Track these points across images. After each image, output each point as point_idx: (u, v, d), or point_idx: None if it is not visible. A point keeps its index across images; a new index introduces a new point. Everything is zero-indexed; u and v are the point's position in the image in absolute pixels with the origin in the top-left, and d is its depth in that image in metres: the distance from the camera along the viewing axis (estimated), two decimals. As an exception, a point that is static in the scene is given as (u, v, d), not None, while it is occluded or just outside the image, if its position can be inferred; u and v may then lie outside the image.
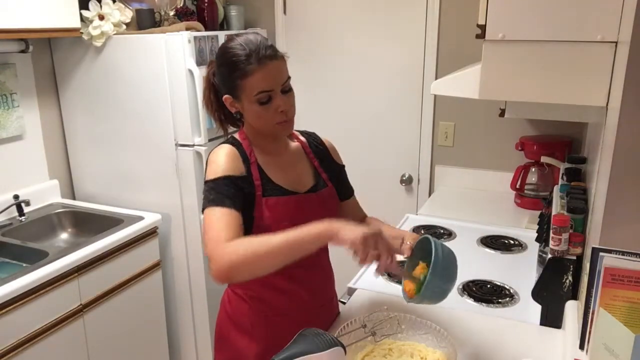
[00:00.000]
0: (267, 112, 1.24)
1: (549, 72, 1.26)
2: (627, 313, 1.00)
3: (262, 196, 1.27)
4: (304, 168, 1.40)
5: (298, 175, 1.37)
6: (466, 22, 2.50)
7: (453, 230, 2.18)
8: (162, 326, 2.49)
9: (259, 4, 2.95)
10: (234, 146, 1.30)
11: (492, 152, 2.66)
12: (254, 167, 1.29)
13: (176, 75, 2.29)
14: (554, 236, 1.39)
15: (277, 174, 1.32)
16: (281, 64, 1.25)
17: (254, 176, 1.28)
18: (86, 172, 2.63)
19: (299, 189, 1.34)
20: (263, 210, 1.27)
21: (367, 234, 1.08)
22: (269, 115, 1.25)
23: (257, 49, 1.21)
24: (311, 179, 1.39)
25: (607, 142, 1.17)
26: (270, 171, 1.32)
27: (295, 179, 1.35)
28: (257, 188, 1.27)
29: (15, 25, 2.01)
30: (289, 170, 1.36)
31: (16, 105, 2.33)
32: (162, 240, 2.48)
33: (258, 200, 1.27)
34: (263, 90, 1.22)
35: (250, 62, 1.20)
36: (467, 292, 1.66)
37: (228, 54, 1.24)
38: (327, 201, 1.39)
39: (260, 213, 1.26)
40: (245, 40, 1.23)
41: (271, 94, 1.23)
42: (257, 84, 1.22)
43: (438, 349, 1.22)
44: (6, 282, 1.74)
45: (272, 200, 1.28)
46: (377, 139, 2.87)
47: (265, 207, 1.27)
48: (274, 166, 1.33)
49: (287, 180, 1.33)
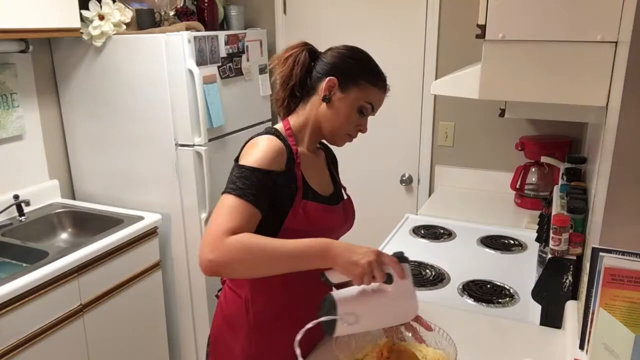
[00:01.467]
0: (354, 121, 1.29)
1: (549, 72, 1.26)
2: (627, 313, 1.00)
3: (302, 198, 1.25)
4: (327, 175, 1.42)
5: (325, 181, 1.39)
6: (466, 22, 2.50)
7: (453, 230, 2.18)
8: (162, 326, 2.49)
9: (259, 4, 2.95)
10: (280, 139, 1.24)
11: (492, 152, 2.66)
12: (298, 167, 1.27)
13: (176, 75, 2.29)
14: (554, 236, 1.39)
15: (313, 178, 1.32)
16: None
17: (297, 176, 1.26)
18: (86, 172, 2.63)
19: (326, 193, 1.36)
20: (298, 211, 1.24)
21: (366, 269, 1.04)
22: (351, 123, 1.29)
23: (385, 78, 1.32)
24: (331, 187, 1.41)
25: (607, 142, 1.17)
26: (308, 173, 1.31)
27: (324, 185, 1.37)
28: (299, 189, 1.25)
29: (15, 25, 2.01)
30: (320, 174, 1.38)
31: (16, 105, 2.33)
32: (162, 240, 2.48)
33: (297, 200, 1.24)
34: (372, 105, 1.30)
35: (382, 79, 1.31)
36: (467, 292, 1.66)
37: (371, 60, 1.32)
38: (350, 213, 1.42)
39: (295, 214, 1.24)
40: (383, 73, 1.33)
41: (369, 112, 1.31)
42: (373, 97, 1.29)
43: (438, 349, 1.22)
44: (6, 282, 1.73)
45: (311, 205, 1.26)
46: (377, 139, 2.87)
47: (302, 209, 1.25)
48: (312, 167, 1.34)
49: (320, 186, 1.34)
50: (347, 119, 1.28)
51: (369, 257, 1.05)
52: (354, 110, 1.28)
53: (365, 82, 1.28)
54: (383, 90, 1.32)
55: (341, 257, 1.06)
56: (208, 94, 2.38)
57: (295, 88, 1.33)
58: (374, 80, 1.29)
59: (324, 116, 1.29)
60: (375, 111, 1.32)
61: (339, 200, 1.40)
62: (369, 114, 1.31)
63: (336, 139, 1.33)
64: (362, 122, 1.32)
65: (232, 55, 2.56)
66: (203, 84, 2.33)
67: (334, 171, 1.46)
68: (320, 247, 1.07)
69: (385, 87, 1.32)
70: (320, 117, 1.30)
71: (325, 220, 1.30)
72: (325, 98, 1.28)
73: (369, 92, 1.28)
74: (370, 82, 1.28)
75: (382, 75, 1.32)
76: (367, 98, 1.28)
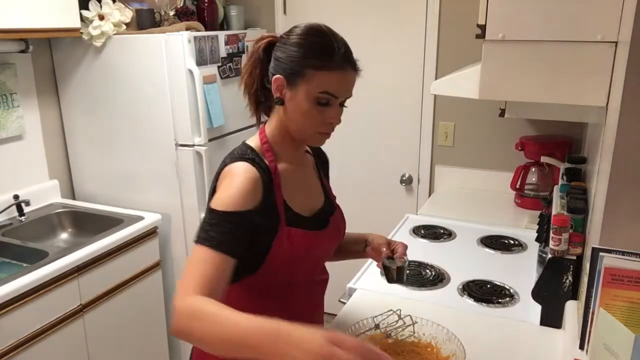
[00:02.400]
0: (317, 116, 1.11)
1: (549, 72, 1.26)
2: (627, 313, 1.00)
3: (286, 225, 1.14)
4: (315, 184, 1.30)
5: (311, 193, 1.27)
6: (466, 22, 2.50)
7: (453, 230, 2.18)
8: (162, 326, 2.49)
9: (259, 4, 2.95)
10: (254, 164, 1.12)
11: (492, 152, 2.66)
12: (277, 190, 1.14)
13: (176, 75, 2.29)
14: (554, 236, 1.39)
15: (295, 195, 1.19)
16: (355, 78, 1.14)
17: (277, 202, 1.14)
18: (86, 172, 2.63)
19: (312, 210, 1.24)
20: (283, 240, 1.14)
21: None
22: (316, 119, 1.12)
23: (345, 51, 1.11)
24: (322, 198, 1.29)
25: (607, 142, 1.17)
26: (291, 191, 1.18)
27: (309, 199, 1.25)
28: (280, 216, 1.14)
29: (15, 25, 2.01)
30: (305, 187, 1.25)
31: (16, 105, 2.33)
32: (162, 240, 2.48)
33: (281, 229, 1.14)
34: (329, 92, 1.10)
35: (333, 59, 1.09)
36: (467, 292, 1.66)
37: (307, 37, 1.10)
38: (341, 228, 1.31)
39: (280, 243, 1.13)
40: (332, 32, 1.12)
41: (332, 101, 1.11)
42: (326, 83, 1.09)
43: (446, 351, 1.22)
44: (6, 282, 1.73)
45: (297, 232, 1.16)
46: (377, 139, 2.87)
47: (286, 237, 1.14)
48: (296, 182, 1.21)
49: (303, 203, 1.21)
50: (306, 116, 1.12)
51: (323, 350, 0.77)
52: (311, 105, 1.10)
53: (311, 69, 1.08)
54: (341, 69, 1.10)
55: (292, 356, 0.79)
56: (208, 94, 2.38)
57: (258, 93, 1.20)
58: (323, 63, 1.08)
59: (287, 119, 1.15)
60: (341, 96, 1.12)
61: (328, 214, 1.27)
62: (336, 103, 1.13)
63: (308, 140, 1.19)
64: (329, 114, 1.12)
65: (232, 55, 2.56)
66: (203, 84, 2.33)
67: (324, 179, 1.33)
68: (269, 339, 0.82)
69: (346, 65, 1.10)
70: (285, 121, 1.16)
71: (315, 247, 1.20)
72: (278, 100, 1.14)
73: (321, 79, 1.09)
74: (318, 67, 1.08)
75: (337, 54, 1.09)
76: (320, 87, 1.09)
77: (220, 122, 2.48)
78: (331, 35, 1.12)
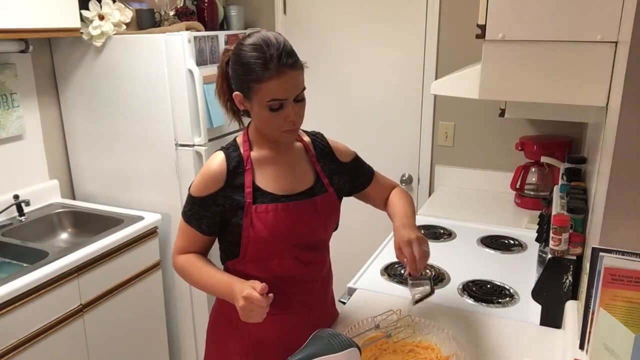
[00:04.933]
0: (276, 119, 1.22)
1: (549, 72, 1.26)
2: (627, 313, 1.00)
3: (252, 204, 1.27)
4: (304, 170, 1.37)
5: (295, 177, 1.34)
6: (466, 22, 2.50)
7: (453, 230, 2.18)
8: (162, 326, 2.49)
9: (259, 4, 2.95)
10: (227, 152, 1.31)
11: (492, 152, 2.66)
12: (247, 174, 1.29)
13: (176, 75, 2.29)
14: (554, 236, 1.39)
15: (271, 179, 1.31)
16: (299, 73, 1.20)
17: (245, 184, 1.28)
18: (86, 172, 2.63)
19: (293, 192, 1.32)
20: (252, 218, 1.27)
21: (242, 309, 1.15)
22: (277, 122, 1.22)
23: (278, 56, 1.15)
24: (310, 181, 1.36)
25: (607, 142, 1.17)
26: (263, 176, 1.30)
27: (291, 182, 1.33)
28: (246, 196, 1.27)
29: (15, 25, 2.01)
30: (286, 172, 1.33)
31: (16, 105, 2.33)
32: (162, 240, 2.48)
33: (247, 208, 1.27)
34: (276, 98, 1.18)
35: (268, 69, 1.15)
36: (467, 292, 1.66)
37: (245, 54, 1.18)
38: (321, 208, 1.34)
39: (250, 219, 1.27)
40: (266, 42, 1.17)
41: (283, 103, 1.20)
42: (271, 91, 1.18)
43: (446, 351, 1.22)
44: (6, 282, 1.74)
45: (262, 207, 1.27)
46: (377, 139, 2.87)
47: (254, 214, 1.27)
48: (270, 169, 1.32)
49: (281, 185, 1.31)
50: (268, 122, 1.23)
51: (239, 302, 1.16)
52: (267, 112, 1.21)
53: (255, 84, 1.18)
54: (276, 75, 1.16)
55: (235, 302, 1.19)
56: (208, 93, 2.38)
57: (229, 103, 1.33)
58: (259, 77, 1.16)
59: (257, 124, 1.29)
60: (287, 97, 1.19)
61: (314, 194, 1.34)
62: (287, 104, 1.20)
63: (279, 139, 1.29)
64: (286, 114, 1.21)
65: (232, 55, 2.56)
66: (203, 84, 2.33)
67: (316, 165, 1.38)
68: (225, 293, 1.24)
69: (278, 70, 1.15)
70: (257, 125, 1.30)
71: (285, 219, 1.28)
72: (244, 113, 1.32)
73: (264, 90, 1.17)
74: (257, 80, 1.17)
75: (267, 64, 1.15)
76: (266, 97, 1.18)
77: (220, 122, 2.48)
78: (264, 45, 1.17)
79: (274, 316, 1.28)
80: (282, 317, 1.35)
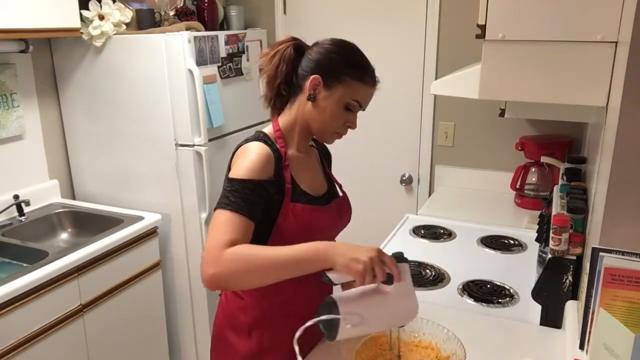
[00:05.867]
0: (341, 119, 1.26)
1: (549, 72, 1.26)
2: (627, 313, 1.00)
3: (290, 201, 1.26)
4: (319, 172, 1.41)
5: (318, 180, 1.38)
6: (466, 22, 2.50)
7: (453, 230, 2.18)
8: (162, 326, 2.49)
9: (259, 4, 2.95)
10: (267, 145, 1.25)
11: (492, 152, 2.66)
12: (287, 170, 1.26)
13: (176, 75, 2.29)
14: (554, 236, 1.39)
15: (304, 178, 1.32)
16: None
17: (285, 179, 1.25)
18: (86, 172, 2.63)
19: (318, 192, 1.35)
20: (288, 214, 1.25)
21: (368, 265, 1.02)
22: (339, 121, 1.26)
23: (374, 71, 1.29)
24: (325, 184, 1.40)
25: (607, 142, 1.17)
26: (298, 174, 1.31)
27: (316, 184, 1.36)
28: (286, 192, 1.25)
29: (15, 25, 2.01)
30: (312, 173, 1.37)
31: (16, 105, 2.33)
32: (162, 240, 2.48)
33: (285, 204, 1.25)
34: (359, 102, 1.26)
35: (369, 75, 1.27)
36: (467, 292, 1.66)
37: (354, 50, 1.28)
38: (343, 211, 1.40)
39: (285, 217, 1.25)
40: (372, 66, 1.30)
41: (356, 108, 1.27)
42: (360, 94, 1.26)
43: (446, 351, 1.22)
44: (6, 282, 1.73)
45: (299, 206, 1.26)
46: (377, 139, 2.87)
47: (291, 212, 1.25)
48: (303, 168, 1.33)
49: (311, 185, 1.33)
50: (333, 117, 1.26)
51: (370, 253, 1.04)
52: (340, 108, 1.25)
53: (350, 78, 1.24)
54: (371, 85, 1.28)
55: (342, 256, 1.04)
56: (208, 94, 2.38)
57: (281, 86, 1.30)
58: (359, 76, 1.25)
59: (310, 115, 1.27)
60: (364, 107, 1.29)
61: (331, 198, 1.38)
62: (357, 111, 1.28)
63: (325, 137, 1.32)
64: (350, 119, 1.28)
65: (232, 55, 2.56)
66: (203, 84, 2.33)
67: (327, 168, 1.45)
68: (318, 250, 1.07)
69: (373, 81, 1.29)
70: (308, 115, 1.28)
71: (316, 221, 1.29)
72: (311, 97, 1.26)
73: (355, 88, 1.25)
74: (355, 78, 1.24)
75: (369, 70, 1.28)
76: (352, 95, 1.25)
77: (220, 122, 2.48)
78: (364, 54, 1.29)
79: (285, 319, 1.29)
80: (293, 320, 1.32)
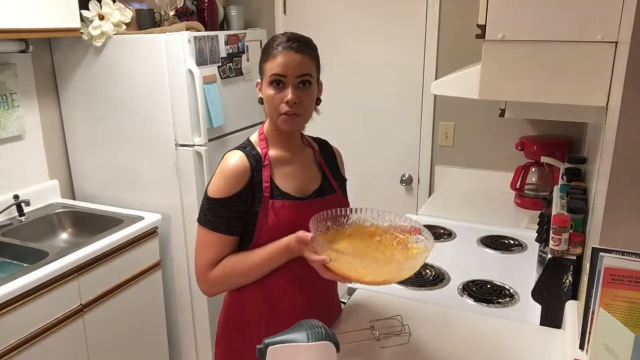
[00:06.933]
0: (276, 98, 1.27)
1: (549, 72, 1.26)
2: (627, 313, 1.00)
3: (269, 198, 1.30)
4: (314, 174, 1.41)
5: (306, 180, 1.39)
6: (466, 22, 2.50)
7: (453, 230, 2.18)
8: (162, 326, 2.49)
9: (259, 4, 2.95)
10: (245, 151, 1.31)
11: (492, 152, 2.66)
12: (266, 169, 1.31)
13: (176, 75, 2.29)
14: (554, 236, 1.39)
15: (286, 179, 1.34)
16: (305, 59, 1.27)
17: (264, 178, 1.30)
18: (86, 172, 2.63)
19: (305, 194, 1.36)
20: (268, 211, 1.29)
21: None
22: (276, 101, 1.27)
23: (287, 39, 1.27)
24: (318, 182, 1.41)
25: (607, 142, 1.17)
26: (279, 174, 1.34)
27: (303, 185, 1.37)
28: (264, 190, 1.30)
29: (15, 25, 2.01)
30: (299, 174, 1.38)
31: (16, 105, 2.33)
32: (162, 240, 2.48)
33: (265, 201, 1.30)
34: (276, 73, 1.25)
35: (276, 47, 1.27)
36: (467, 292, 1.66)
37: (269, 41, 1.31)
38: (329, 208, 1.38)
39: (266, 213, 1.29)
40: (287, 33, 1.31)
41: (284, 80, 1.26)
42: (274, 67, 1.26)
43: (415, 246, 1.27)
44: (6, 282, 1.73)
45: (278, 203, 1.30)
46: (377, 139, 2.87)
47: (270, 208, 1.30)
48: (285, 168, 1.35)
49: (294, 186, 1.35)
50: (268, 101, 1.29)
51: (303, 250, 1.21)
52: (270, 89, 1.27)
53: (263, 64, 1.29)
54: (280, 53, 1.26)
55: None
56: (208, 94, 2.38)
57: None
58: (267, 55, 1.28)
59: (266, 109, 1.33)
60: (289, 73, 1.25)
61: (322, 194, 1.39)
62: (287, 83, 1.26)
63: (279, 124, 1.31)
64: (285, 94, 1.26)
65: (232, 55, 2.56)
66: (203, 84, 2.33)
67: (325, 167, 1.44)
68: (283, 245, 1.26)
69: (282, 49, 1.26)
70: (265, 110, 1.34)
71: (296, 216, 1.31)
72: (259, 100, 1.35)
73: (268, 67, 1.27)
74: (265, 60, 1.28)
75: (274, 44, 1.28)
76: (269, 73, 1.27)
77: (220, 122, 2.48)
78: (280, 35, 1.31)
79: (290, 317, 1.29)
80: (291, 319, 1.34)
